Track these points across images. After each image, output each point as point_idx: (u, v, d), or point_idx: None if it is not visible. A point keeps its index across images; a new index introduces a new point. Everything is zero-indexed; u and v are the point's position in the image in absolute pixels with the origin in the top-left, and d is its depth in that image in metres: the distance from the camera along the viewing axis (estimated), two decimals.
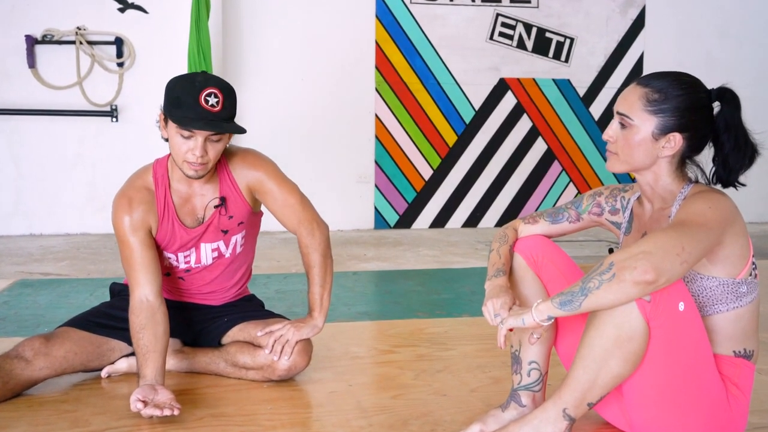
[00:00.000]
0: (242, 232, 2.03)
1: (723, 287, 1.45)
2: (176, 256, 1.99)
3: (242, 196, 1.97)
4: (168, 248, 1.97)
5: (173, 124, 1.82)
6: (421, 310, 2.95)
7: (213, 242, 1.99)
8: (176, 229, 1.94)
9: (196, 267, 2.02)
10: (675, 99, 1.48)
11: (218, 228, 1.98)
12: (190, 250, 1.99)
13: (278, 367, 1.92)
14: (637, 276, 1.31)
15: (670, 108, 1.48)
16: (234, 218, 1.98)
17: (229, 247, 2.02)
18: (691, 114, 1.48)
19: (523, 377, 1.62)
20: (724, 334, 1.48)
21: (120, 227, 1.89)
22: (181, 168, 1.86)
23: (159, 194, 1.93)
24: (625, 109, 1.52)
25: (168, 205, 1.93)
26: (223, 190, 1.95)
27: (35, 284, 3.37)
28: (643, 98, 1.49)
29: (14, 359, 1.83)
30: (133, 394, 1.71)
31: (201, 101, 1.77)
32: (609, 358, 1.40)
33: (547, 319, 1.42)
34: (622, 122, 1.53)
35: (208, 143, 1.82)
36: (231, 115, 1.84)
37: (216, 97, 1.79)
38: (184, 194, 1.95)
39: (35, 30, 4.94)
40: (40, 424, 1.70)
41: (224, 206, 1.95)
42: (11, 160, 5.03)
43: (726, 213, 1.42)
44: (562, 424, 1.46)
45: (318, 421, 1.76)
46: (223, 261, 2.04)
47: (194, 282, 2.06)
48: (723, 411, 1.46)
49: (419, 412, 1.80)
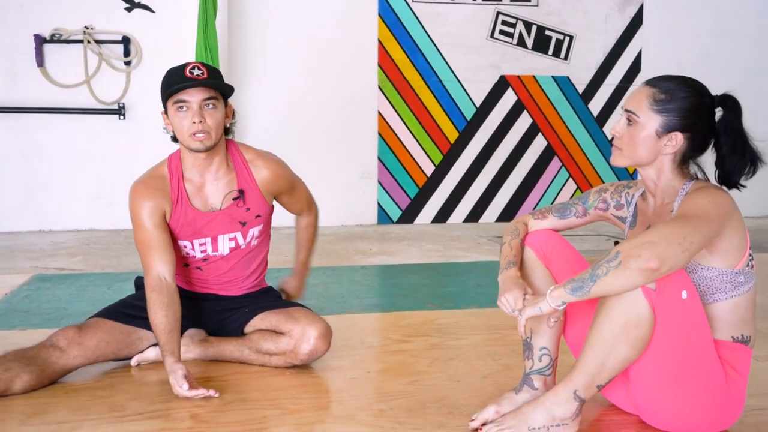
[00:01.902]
0: (260, 225, 2.14)
1: (722, 277, 1.56)
2: (191, 243, 2.09)
3: (259, 191, 2.09)
4: (182, 235, 2.07)
5: (170, 105, 1.97)
6: (430, 302, 3.05)
7: (231, 233, 2.10)
8: (189, 214, 2.05)
9: (213, 256, 2.12)
10: (680, 100, 1.58)
11: (236, 219, 2.08)
12: (206, 238, 2.09)
13: (300, 352, 2.03)
14: (642, 263, 1.42)
15: (675, 108, 1.58)
16: (251, 210, 2.09)
17: (246, 238, 2.13)
18: (694, 116, 1.58)
19: (535, 362, 1.73)
20: (724, 321, 1.58)
21: (136, 212, 2.02)
22: (189, 146, 1.98)
23: (173, 182, 2.05)
24: (633, 106, 1.62)
25: (181, 192, 2.05)
26: (241, 183, 2.08)
27: (53, 279, 3.47)
28: (650, 98, 1.60)
29: (49, 348, 1.93)
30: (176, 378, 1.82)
31: (186, 73, 1.94)
32: (617, 343, 1.50)
33: (561, 304, 1.52)
34: (629, 119, 1.63)
35: (204, 111, 1.95)
36: (221, 83, 1.98)
37: (199, 69, 1.95)
38: (197, 183, 2.07)
39: (44, 29, 5.01)
40: (78, 409, 1.80)
41: (242, 198, 2.06)
42: (20, 157, 5.11)
43: (725, 207, 1.52)
44: (573, 404, 1.57)
45: (341, 404, 1.87)
46: (240, 252, 2.15)
47: (211, 272, 2.16)
48: (722, 392, 1.56)
49: (435, 396, 1.90)
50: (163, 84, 2.00)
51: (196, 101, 1.94)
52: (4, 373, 1.82)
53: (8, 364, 1.85)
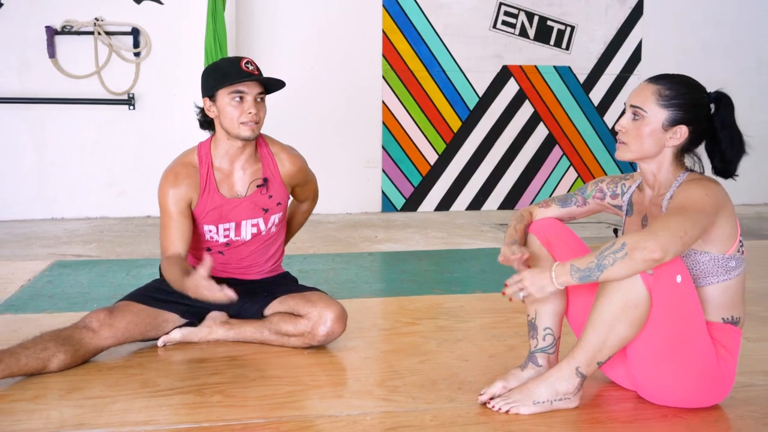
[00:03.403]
0: (280, 213, 2.28)
1: (714, 262, 1.68)
2: (216, 228, 2.23)
3: (281, 181, 2.25)
4: (208, 220, 2.21)
5: (226, 94, 2.14)
6: (436, 287, 3.18)
7: (253, 219, 2.24)
8: (216, 200, 2.20)
9: (235, 241, 2.26)
10: (684, 96, 1.70)
11: (259, 206, 2.23)
12: (230, 223, 2.22)
13: (318, 333, 2.16)
14: (647, 255, 1.55)
15: (680, 103, 1.70)
16: (273, 198, 2.25)
17: (267, 225, 2.27)
18: (696, 110, 1.70)
19: (539, 341, 1.85)
20: (715, 303, 1.71)
21: (164, 198, 2.18)
22: (239, 133, 2.15)
23: (202, 170, 2.20)
24: (639, 102, 1.73)
25: (210, 179, 2.20)
26: (266, 172, 2.24)
27: (72, 265, 3.59)
28: (656, 93, 1.71)
29: (83, 329, 2.06)
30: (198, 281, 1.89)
31: (242, 67, 2.14)
32: (616, 323, 1.63)
33: (561, 286, 1.65)
34: (635, 113, 1.74)
35: (256, 103, 2.15)
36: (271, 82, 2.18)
37: (252, 65, 2.17)
38: (225, 171, 2.22)
39: (55, 21, 5.10)
40: (113, 385, 1.93)
41: (266, 186, 2.21)
42: (33, 147, 5.21)
43: (719, 198, 1.64)
44: (575, 380, 1.70)
45: (357, 381, 1.99)
46: (260, 238, 2.29)
47: (233, 256, 2.29)
48: (713, 369, 1.69)
49: (445, 374, 2.03)
50: (217, 73, 2.17)
51: (252, 93, 2.15)
52: (42, 353, 1.95)
53: (45, 344, 1.98)
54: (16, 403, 1.81)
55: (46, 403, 1.82)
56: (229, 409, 1.79)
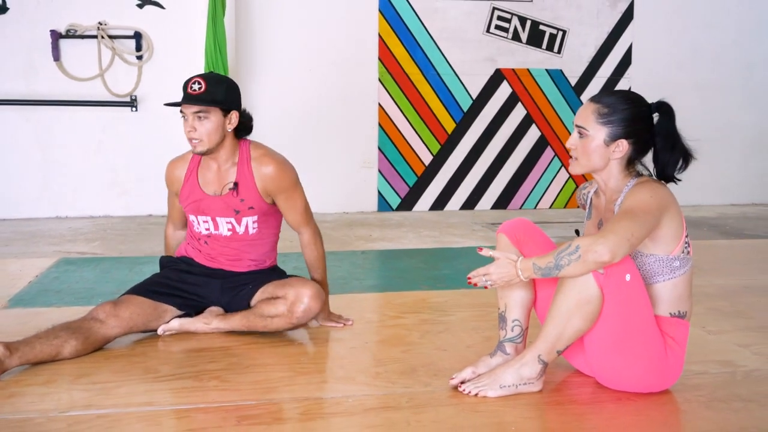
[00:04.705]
0: (254, 216, 2.45)
1: (659, 263, 1.85)
2: (197, 219, 2.47)
3: (255, 186, 2.41)
4: (189, 209, 2.47)
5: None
6: (424, 283, 3.34)
7: (227, 217, 2.44)
8: (196, 193, 2.45)
9: (215, 234, 2.47)
10: (621, 112, 1.86)
11: (230, 207, 2.44)
12: (207, 217, 2.45)
13: (296, 311, 2.34)
14: (597, 257, 1.73)
15: (617, 119, 1.86)
16: (245, 202, 2.43)
17: (241, 226, 2.46)
18: (635, 124, 1.86)
19: (508, 332, 2.02)
20: (663, 299, 1.88)
21: (165, 180, 2.57)
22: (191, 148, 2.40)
23: (191, 166, 2.48)
24: (582, 121, 1.90)
25: (193, 175, 2.47)
26: (239, 177, 2.42)
27: (77, 262, 3.76)
28: (596, 112, 1.87)
29: (91, 321, 2.24)
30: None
31: (188, 89, 2.31)
32: (572, 316, 1.80)
33: (526, 278, 1.84)
34: (580, 132, 1.91)
35: (196, 121, 2.31)
36: (213, 98, 2.31)
37: (199, 84, 2.29)
38: (209, 170, 2.46)
39: (59, 25, 5.25)
40: (118, 372, 2.10)
41: (236, 190, 2.40)
42: (38, 147, 5.36)
43: (663, 200, 1.81)
44: (537, 366, 1.87)
45: (342, 369, 2.16)
46: (238, 237, 2.48)
47: (215, 247, 2.50)
48: (662, 358, 1.86)
49: (424, 362, 2.20)
50: None
51: (190, 113, 2.32)
52: (55, 340, 2.14)
53: (57, 332, 2.17)
54: (30, 387, 1.98)
55: (57, 387, 1.99)
56: (224, 392, 1.96)
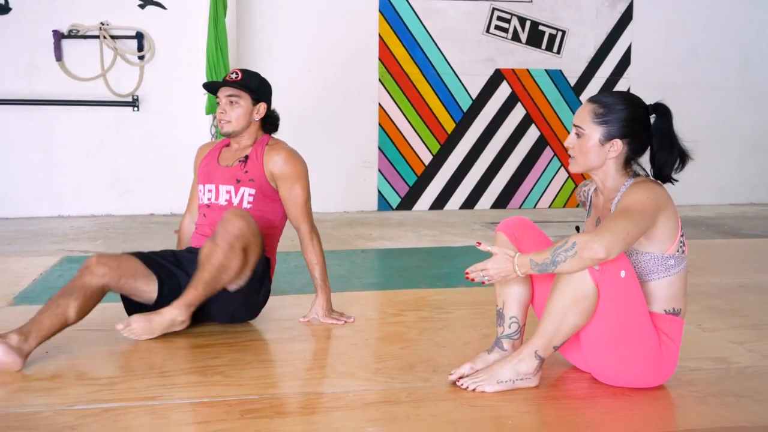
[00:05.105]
0: (251, 189, 2.57)
1: (654, 261, 1.89)
2: (203, 188, 2.63)
3: (262, 166, 2.58)
4: (202, 178, 2.64)
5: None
6: (423, 282, 3.38)
7: (227, 185, 2.58)
8: (212, 163, 2.66)
9: (213, 204, 2.59)
10: (617, 112, 1.90)
11: (234, 176, 2.59)
12: (212, 185, 2.61)
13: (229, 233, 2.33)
14: (593, 254, 1.76)
15: (613, 119, 1.89)
16: (248, 173, 2.58)
17: (237, 196, 2.57)
18: (630, 124, 1.90)
19: (505, 329, 2.05)
20: (658, 296, 1.91)
21: (194, 162, 2.76)
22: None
23: (218, 146, 2.73)
24: (579, 121, 1.94)
25: (216, 151, 2.71)
26: (251, 154, 2.60)
27: (80, 260, 3.79)
28: (592, 112, 1.91)
29: (83, 272, 2.29)
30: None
31: (227, 77, 2.60)
32: (568, 312, 1.84)
33: (523, 274, 1.88)
34: (577, 132, 1.95)
35: (228, 105, 2.56)
36: (247, 85, 2.57)
37: (236, 74, 2.58)
38: (229, 150, 2.69)
39: (62, 25, 5.30)
40: (123, 367, 2.14)
41: (245, 162, 2.59)
42: (40, 147, 5.40)
43: (659, 200, 1.85)
44: (534, 362, 1.91)
45: (343, 364, 2.20)
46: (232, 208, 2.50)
47: (212, 218, 2.57)
48: (656, 354, 1.90)
49: (423, 358, 2.24)
50: None
51: (223, 96, 2.58)
52: (58, 309, 2.19)
53: (57, 302, 2.21)
54: (37, 381, 2.02)
55: (63, 381, 2.02)
56: (227, 387, 1.99)
